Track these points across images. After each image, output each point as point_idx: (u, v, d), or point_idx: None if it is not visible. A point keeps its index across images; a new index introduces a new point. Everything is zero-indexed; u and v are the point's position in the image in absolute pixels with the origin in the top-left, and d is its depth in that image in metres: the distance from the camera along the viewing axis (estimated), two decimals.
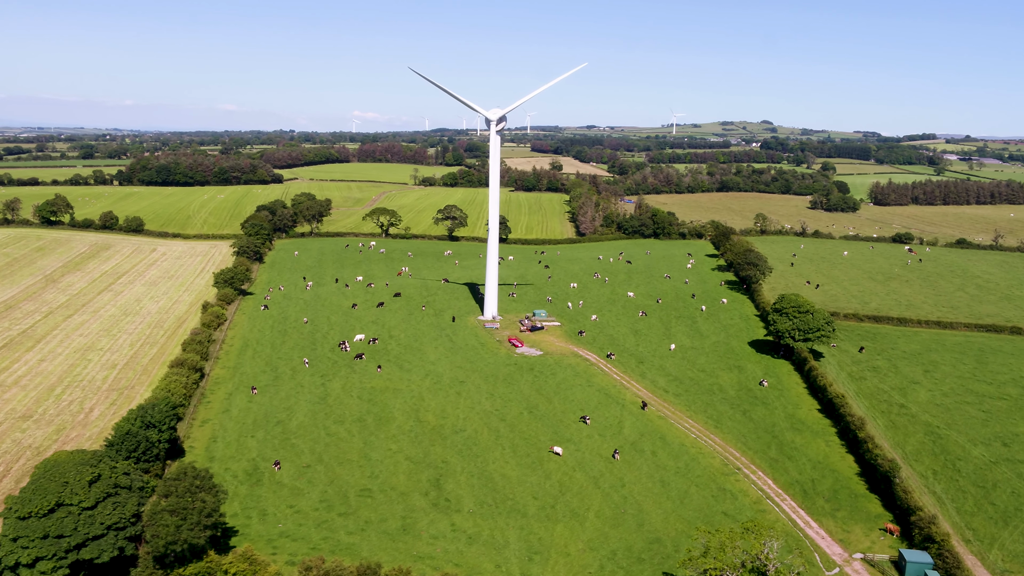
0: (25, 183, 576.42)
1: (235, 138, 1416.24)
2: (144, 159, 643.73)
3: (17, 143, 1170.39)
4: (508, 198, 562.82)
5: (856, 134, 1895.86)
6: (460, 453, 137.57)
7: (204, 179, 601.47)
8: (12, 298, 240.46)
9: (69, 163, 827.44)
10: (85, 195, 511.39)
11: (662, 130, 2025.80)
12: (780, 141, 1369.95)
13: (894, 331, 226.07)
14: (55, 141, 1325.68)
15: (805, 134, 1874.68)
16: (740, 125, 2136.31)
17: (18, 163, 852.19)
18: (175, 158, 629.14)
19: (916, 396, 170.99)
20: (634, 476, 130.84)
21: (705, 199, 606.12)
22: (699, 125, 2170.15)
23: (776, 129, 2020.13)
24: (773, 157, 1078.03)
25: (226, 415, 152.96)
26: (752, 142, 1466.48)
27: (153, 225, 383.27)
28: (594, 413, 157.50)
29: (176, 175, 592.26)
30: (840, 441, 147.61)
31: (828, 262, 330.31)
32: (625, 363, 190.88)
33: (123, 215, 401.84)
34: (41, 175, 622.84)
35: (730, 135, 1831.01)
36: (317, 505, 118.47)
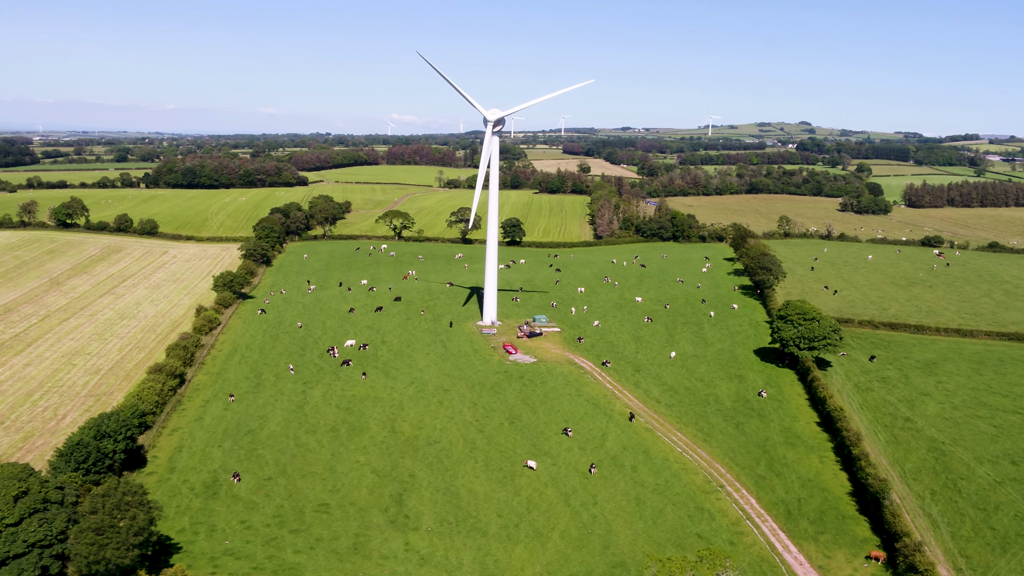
0: (54, 186, 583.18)
1: (269, 141, 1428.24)
2: (170, 162, 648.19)
3: (56, 147, 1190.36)
4: (530, 200, 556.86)
5: (897, 135, 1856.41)
6: (430, 466, 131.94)
7: (229, 181, 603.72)
8: (13, 301, 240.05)
9: (101, 166, 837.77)
10: (109, 198, 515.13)
11: (698, 132, 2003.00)
12: (817, 142, 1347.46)
13: (910, 339, 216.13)
14: (93, 145, 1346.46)
15: (844, 135, 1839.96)
16: (777, 126, 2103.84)
17: (53, 166, 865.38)
18: (201, 161, 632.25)
19: (924, 409, 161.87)
20: (609, 493, 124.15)
21: (732, 201, 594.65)
22: (735, 127, 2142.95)
23: (814, 130, 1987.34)
24: (808, 158, 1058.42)
25: (198, 423, 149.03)
26: (788, 143, 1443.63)
27: (169, 228, 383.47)
28: (579, 424, 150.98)
29: (201, 178, 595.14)
30: (835, 457, 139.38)
31: (850, 266, 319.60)
32: (621, 371, 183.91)
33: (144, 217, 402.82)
34: (70, 178, 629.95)
35: (767, 136, 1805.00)
36: (270, 521, 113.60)
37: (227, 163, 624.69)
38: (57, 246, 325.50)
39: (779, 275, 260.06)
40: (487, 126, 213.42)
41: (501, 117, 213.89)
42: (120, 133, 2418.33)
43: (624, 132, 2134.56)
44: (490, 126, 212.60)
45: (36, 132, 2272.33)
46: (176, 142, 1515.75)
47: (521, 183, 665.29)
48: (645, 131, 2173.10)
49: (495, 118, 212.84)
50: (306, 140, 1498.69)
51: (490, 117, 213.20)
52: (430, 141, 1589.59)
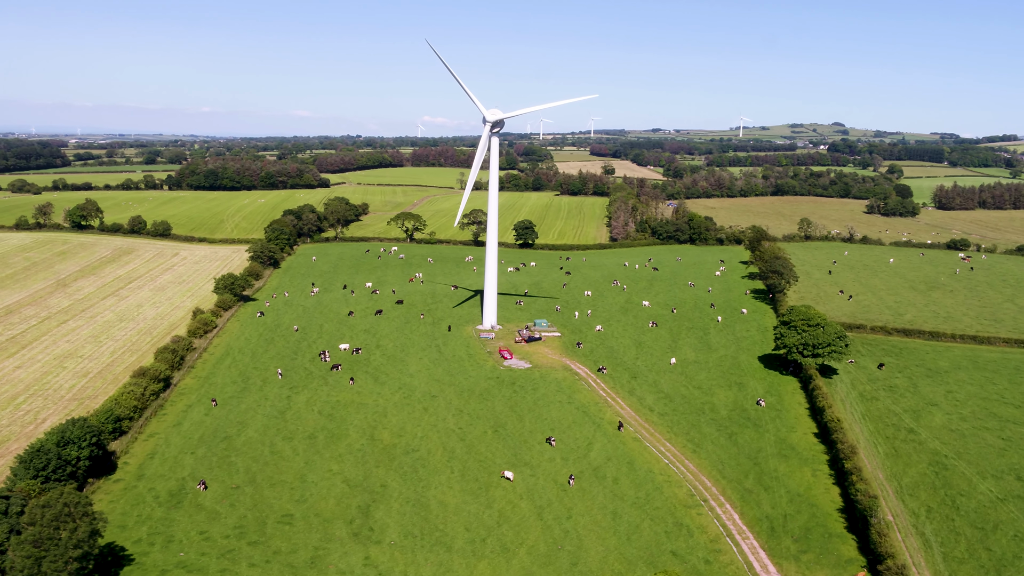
0: (79, 188, 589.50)
1: (298, 143, 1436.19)
2: (192, 164, 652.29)
3: (89, 149, 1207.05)
4: (549, 202, 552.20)
5: (932, 136, 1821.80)
6: (403, 476, 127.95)
7: (251, 183, 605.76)
8: (17, 302, 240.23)
9: (129, 168, 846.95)
10: (130, 199, 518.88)
11: (729, 133, 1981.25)
12: (849, 143, 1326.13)
13: (924, 346, 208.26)
14: (126, 147, 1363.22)
15: (878, 136, 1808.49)
16: (810, 128, 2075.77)
17: (83, 168, 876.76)
18: (223, 163, 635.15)
19: (930, 420, 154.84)
20: (585, 506, 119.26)
21: (757, 203, 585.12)
22: (767, 128, 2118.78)
23: (848, 131, 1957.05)
24: (838, 160, 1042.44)
25: (176, 429, 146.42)
26: (820, 145, 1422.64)
27: (183, 229, 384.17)
28: (565, 433, 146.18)
29: (223, 180, 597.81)
30: (829, 471, 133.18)
31: (870, 270, 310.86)
32: (616, 378, 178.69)
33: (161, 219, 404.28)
34: (95, 180, 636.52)
35: (799, 137, 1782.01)
36: (230, 532, 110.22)
37: (249, 165, 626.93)
38: (69, 248, 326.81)
39: (791, 279, 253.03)
40: (485, 125, 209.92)
41: (500, 119, 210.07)
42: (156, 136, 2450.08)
43: (654, 134, 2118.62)
44: (488, 126, 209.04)
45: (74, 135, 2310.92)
46: (207, 145, 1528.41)
47: (543, 185, 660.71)
48: (675, 132, 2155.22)
49: (494, 119, 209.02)
50: (334, 142, 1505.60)
51: (489, 117, 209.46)
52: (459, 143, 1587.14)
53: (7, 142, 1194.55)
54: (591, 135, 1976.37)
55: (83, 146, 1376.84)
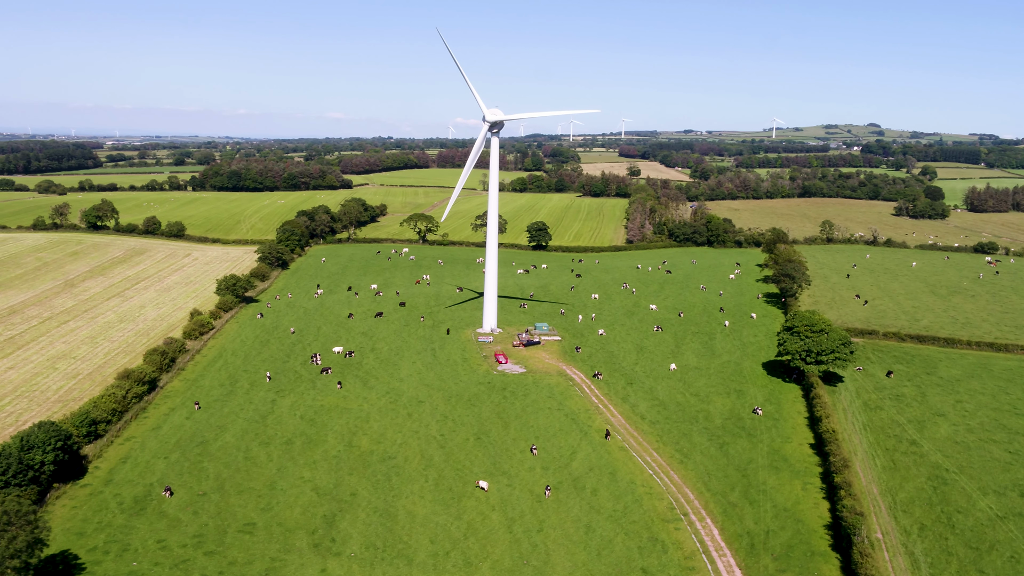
0: (104, 188, 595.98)
1: (327, 145, 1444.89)
2: (216, 165, 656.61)
3: (122, 151, 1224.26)
4: (569, 204, 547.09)
5: (971, 137, 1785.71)
6: (375, 484, 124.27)
7: (273, 184, 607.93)
8: (22, 303, 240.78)
9: (158, 169, 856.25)
10: (153, 200, 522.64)
11: (762, 134, 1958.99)
12: (883, 145, 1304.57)
13: (938, 353, 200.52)
14: (158, 149, 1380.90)
15: (915, 137, 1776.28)
16: (845, 128, 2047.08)
17: (114, 169, 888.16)
18: (246, 164, 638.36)
19: (934, 431, 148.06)
20: (558, 519, 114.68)
21: (782, 205, 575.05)
22: (801, 129, 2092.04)
23: (883, 132, 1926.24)
24: (871, 161, 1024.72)
25: (154, 432, 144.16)
26: (854, 146, 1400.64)
27: (199, 230, 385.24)
28: (550, 441, 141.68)
29: (246, 180, 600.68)
30: (821, 484, 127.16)
31: (891, 274, 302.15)
32: (612, 384, 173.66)
33: (181, 219, 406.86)
34: (120, 181, 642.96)
35: (833, 139, 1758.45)
36: (188, 541, 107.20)
37: (271, 166, 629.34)
38: (83, 248, 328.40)
39: (803, 282, 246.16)
40: (484, 124, 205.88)
41: (500, 120, 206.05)
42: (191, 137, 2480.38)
43: (686, 135, 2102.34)
44: (486, 125, 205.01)
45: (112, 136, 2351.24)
46: (239, 146, 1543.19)
47: (566, 186, 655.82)
48: (707, 134, 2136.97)
49: (493, 119, 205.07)
50: (364, 144, 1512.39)
51: (489, 117, 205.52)
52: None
53: (43, 144, 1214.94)
54: (621, 136, 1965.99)
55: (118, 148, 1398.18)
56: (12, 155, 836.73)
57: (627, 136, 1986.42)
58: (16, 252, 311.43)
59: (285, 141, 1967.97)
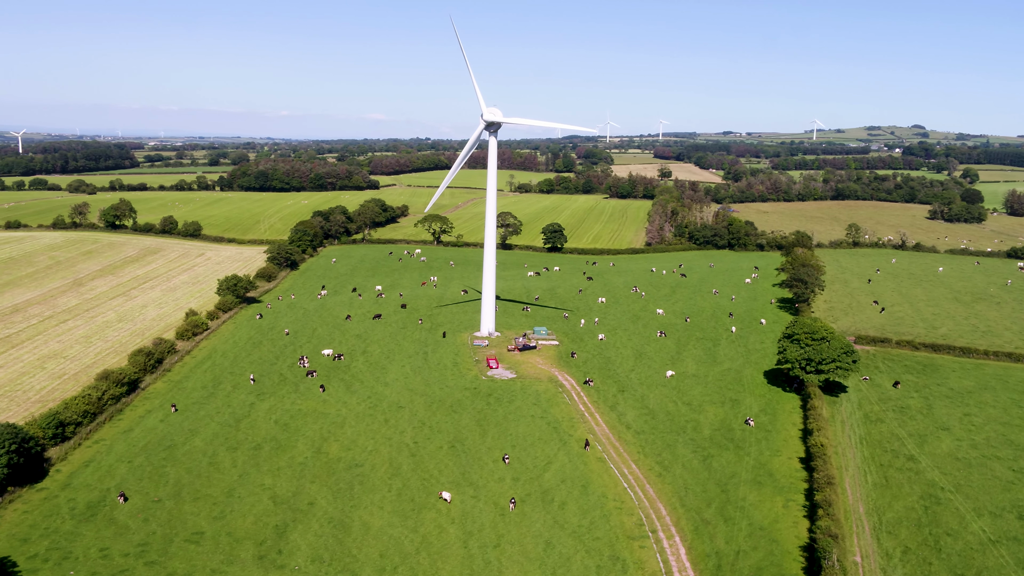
0: (134, 188, 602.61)
1: (362, 146, 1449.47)
2: (244, 166, 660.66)
3: (161, 151, 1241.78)
4: (593, 206, 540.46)
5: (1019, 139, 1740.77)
6: (336, 493, 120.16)
7: (300, 185, 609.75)
8: (26, 301, 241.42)
9: (192, 170, 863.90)
10: (178, 200, 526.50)
11: (802, 136, 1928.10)
12: (926, 147, 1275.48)
13: (952, 363, 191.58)
14: (198, 149, 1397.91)
15: (960, 139, 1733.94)
16: (888, 130, 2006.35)
17: (150, 169, 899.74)
18: (273, 164, 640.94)
19: (935, 446, 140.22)
20: (519, 534, 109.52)
21: (813, 207, 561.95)
22: (843, 130, 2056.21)
23: (928, 134, 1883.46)
24: (912, 163, 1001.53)
25: (124, 435, 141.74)
26: (896, 148, 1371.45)
27: (217, 230, 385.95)
28: (526, 451, 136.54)
29: (273, 181, 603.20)
30: (804, 502, 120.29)
31: (915, 279, 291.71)
32: (603, 391, 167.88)
33: (203, 219, 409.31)
34: (150, 181, 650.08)
35: (875, 140, 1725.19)
36: (131, 550, 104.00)
37: (299, 167, 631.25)
38: (98, 247, 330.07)
39: (816, 287, 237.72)
40: (481, 121, 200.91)
41: (497, 122, 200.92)
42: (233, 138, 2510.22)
43: (724, 136, 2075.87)
44: (482, 123, 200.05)
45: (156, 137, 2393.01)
46: (276, 147, 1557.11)
47: (593, 188, 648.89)
48: (746, 135, 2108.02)
49: (490, 119, 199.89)
50: (399, 145, 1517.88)
51: (486, 116, 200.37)
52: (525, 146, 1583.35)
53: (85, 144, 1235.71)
54: (659, 138, 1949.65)
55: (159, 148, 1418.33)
56: (51, 155, 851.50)
57: (664, 138, 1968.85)
58: (31, 250, 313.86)
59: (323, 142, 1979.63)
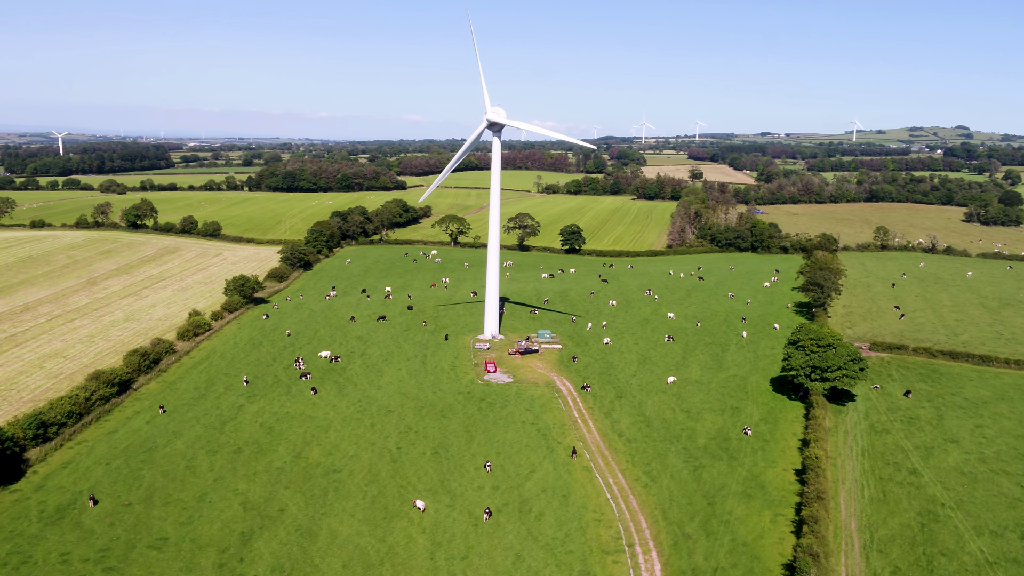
0: (164, 188, 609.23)
1: (396, 147, 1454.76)
2: (272, 166, 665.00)
3: (197, 152, 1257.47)
4: (618, 207, 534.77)
5: None
6: (308, 500, 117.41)
7: (327, 185, 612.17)
8: (38, 300, 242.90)
9: (224, 170, 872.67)
10: (204, 200, 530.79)
11: (841, 137, 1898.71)
12: (968, 148, 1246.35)
13: (970, 371, 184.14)
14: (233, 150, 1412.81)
15: (1005, 140, 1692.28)
16: (931, 131, 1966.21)
17: (182, 170, 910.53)
18: (301, 165, 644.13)
19: (941, 460, 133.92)
20: (489, 545, 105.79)
21: (845, 209, 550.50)
22: (884, 131, 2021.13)
23: (972, 135, 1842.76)
24: (952, 165, 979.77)
25: (108, 436, 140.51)
26: (938, 149, 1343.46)
27: (237, 230, 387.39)
28: (511, 458, 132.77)
29: (300, 181, 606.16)
30: (794, 516, 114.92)
31: (942, 283, 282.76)
32: (599, 397, 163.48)
33: (227, 218, 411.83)
34: (180, 181, 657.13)
35: (917, 141, 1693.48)
36: (92, 555, 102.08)
37: (326, 167, 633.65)
38: (117, 246, 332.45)
39: (832, 291, 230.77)
40: (484, 120, 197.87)
41: (498, 123, 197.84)
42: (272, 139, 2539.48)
43: (762, 137, 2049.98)
44: (484, 120, 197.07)
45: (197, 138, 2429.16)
46: (312, 148, 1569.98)
47: (621, 189, 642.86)
48: (785, 136, 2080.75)
49: (493, 118, 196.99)
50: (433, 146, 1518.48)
51: (489, 115, 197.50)
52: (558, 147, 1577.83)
53: (124, 145, 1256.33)
54: (695, 139, 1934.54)
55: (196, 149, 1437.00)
56: (87, 156, 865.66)
57: (701, 138, 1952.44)
58: (50, 250, 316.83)
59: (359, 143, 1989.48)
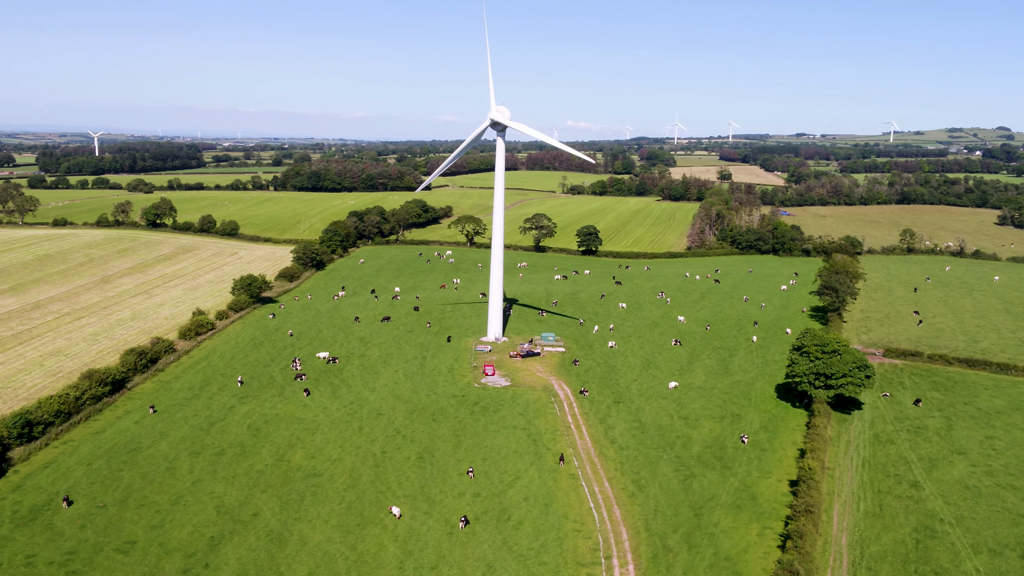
0: (191, 187, 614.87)
1: (425, 147, 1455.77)
2: (297, 166, 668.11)
3: (228, 151, 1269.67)
4: (641, 208, 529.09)
5: None
6: (284, 504, 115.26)
7: (352, 185, 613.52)
8: (49, 298, 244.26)
9: (252, 170, 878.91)
10: (228, 199, 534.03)
11: (878, 138, 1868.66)
12: (1009, 149, 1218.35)
13: (986, 379, 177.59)
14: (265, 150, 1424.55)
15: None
16: (970, 132, 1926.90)
17: (213, 169, 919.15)
18: (326, 165, 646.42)
19: (945, 472, 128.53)
20: (461, 555, 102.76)
21: (874, 211, 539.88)
22: (922, 132, 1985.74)
23: (1013, 136, 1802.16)
24: (990, 167, 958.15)
25: (95, 436, 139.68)
26: (977, 150, 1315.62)
27: (256, 229, 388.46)
28: (496, 464, 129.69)
29: (325, 181, 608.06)
30: (783, 530, 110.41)
31: (967, 288, 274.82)
32: (597, 402, 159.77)
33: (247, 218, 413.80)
34: (207, 180, 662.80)
35: (956, 143, 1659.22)
36: (58, 558, 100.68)
37: (351, 167, 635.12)
38: (134, 245, 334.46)
39: (847, 296, 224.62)
40: (487, 118, 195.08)
41: (501, 123, 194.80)
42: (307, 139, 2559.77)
43: (797, 138, 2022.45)
44: (488, 119, 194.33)
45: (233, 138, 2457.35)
46: (344, 148, 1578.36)
47: (647, 190, 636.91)
48: (821, 137, 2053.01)
49: (495, 117, 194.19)
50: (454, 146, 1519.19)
51: (492, 113, 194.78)
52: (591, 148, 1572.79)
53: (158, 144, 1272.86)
54: (728, 140, 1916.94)
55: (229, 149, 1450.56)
56: (120, 155, 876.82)
57: (734, 139, 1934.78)
58: (68, 248, 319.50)
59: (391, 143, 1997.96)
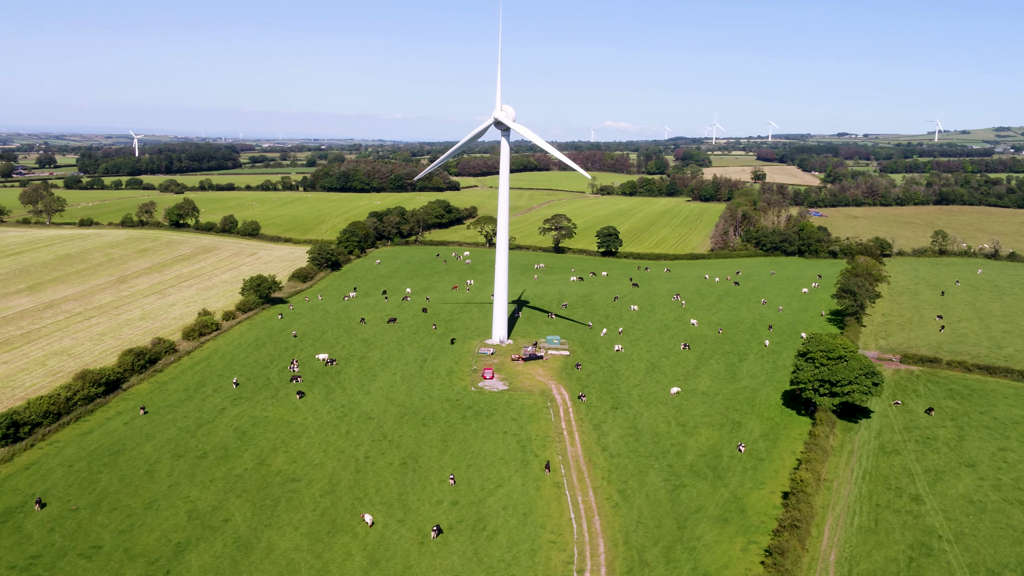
0: (222, 188, 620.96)
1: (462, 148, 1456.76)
2: (326, 167, 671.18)
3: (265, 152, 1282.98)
4: (669, 209, 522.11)
5: None
6: (257, 510, 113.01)
7: (380, 185, 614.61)
8: (63, 297, 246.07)
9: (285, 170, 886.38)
10: (255, 199, 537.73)
11: (922, 137, 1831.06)
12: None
13: (1007, 388, 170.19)
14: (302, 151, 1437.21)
15: None
16: (1019, 131, 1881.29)
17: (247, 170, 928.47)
18: (355, 165, 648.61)
19: (950, 485, 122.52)
20: (429, 566, 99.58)
21: (911, 212, 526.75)
22: (968, 132, 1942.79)
23: None
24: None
25: (82, 437, 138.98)
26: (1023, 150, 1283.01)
27: (278, 229, 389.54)
28: (480, 471, 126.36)
29: (353, 181, 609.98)
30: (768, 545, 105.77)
31: (997, 291, 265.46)
32: (594, 407, 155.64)
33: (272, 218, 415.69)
34: (237, 181, 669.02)
35: (1004, 142, 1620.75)
36: (20, 562, 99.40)
37: (379, 168, 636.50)
38: (155, 245, 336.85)
39: (865, 299, 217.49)
40: (491, 117, 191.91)
41: (504, 123, 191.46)
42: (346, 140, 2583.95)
43: (838, 138, 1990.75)
44: (492, 117, 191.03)
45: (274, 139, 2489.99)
46: (380, 148, 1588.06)
47: (677, 190, 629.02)
48: (863, 136, 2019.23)
49: (498, 118, 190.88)
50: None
51: (496, 112, 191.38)
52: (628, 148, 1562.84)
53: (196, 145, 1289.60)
54: (767, 139, 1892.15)
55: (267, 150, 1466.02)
56: (157, 156, 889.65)
57: (774, 139, 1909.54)
58: (89, 248, 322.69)
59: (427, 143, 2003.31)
